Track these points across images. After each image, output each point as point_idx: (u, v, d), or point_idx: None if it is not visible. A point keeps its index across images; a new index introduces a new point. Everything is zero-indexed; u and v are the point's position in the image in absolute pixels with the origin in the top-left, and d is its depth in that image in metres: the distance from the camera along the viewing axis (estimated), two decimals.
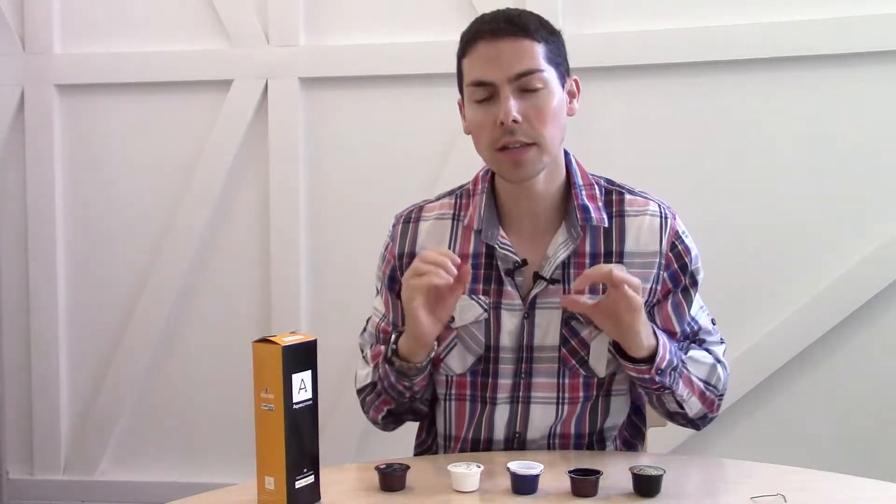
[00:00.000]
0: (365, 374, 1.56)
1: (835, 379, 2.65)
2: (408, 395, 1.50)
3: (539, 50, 1.42)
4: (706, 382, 1.50)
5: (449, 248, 1.54)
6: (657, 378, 1.41)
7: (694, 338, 1.55)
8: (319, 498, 1.28)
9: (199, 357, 3.01)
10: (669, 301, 1.51)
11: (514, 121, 1.39)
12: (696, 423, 1.55)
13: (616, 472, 1.36)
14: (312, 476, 1.27)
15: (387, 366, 1.47)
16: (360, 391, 1.58)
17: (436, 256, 1.37)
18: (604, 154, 2.69)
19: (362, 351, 1.64)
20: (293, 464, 1.23)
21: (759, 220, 2.67)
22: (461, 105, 1.51)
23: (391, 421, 1.59)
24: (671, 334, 1.51)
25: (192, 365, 3.02)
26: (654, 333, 1.42)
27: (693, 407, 1.50)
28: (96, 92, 3.02)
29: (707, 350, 1.54)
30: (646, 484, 1.28)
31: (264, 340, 1.23)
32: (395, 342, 1.46)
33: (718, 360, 1.54)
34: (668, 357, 1.41)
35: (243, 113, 2.92)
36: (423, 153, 2.75)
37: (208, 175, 2.94)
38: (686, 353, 1.49)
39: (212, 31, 2.95)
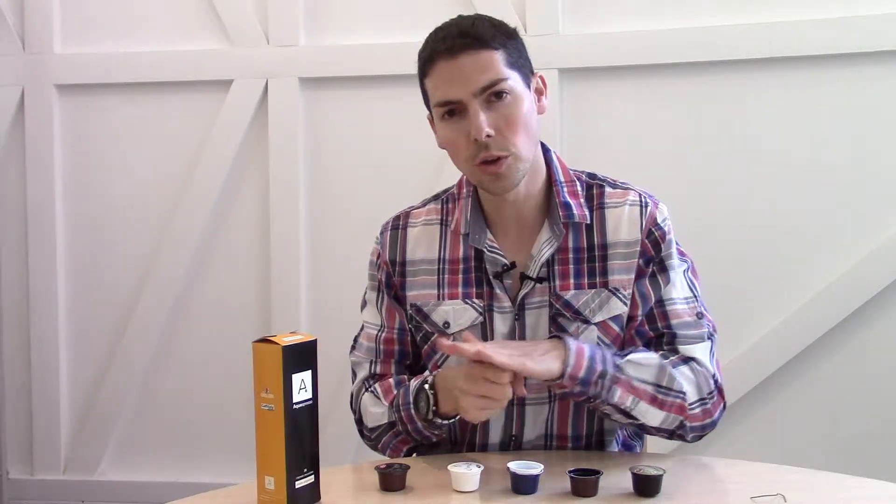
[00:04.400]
0: (380, 412, 1.51)
1: (835, 379, 2.65)
2: (435, 438, 1.49)
3: (499, 57, 1.39)
4: (656, 385, 1.40)
5: (439, 253, 1.54)
6: (578, 388, 1.36)
7: (663, 328, 1.47)
8: (319, 498, 1.28)
9: (199, 357, 3.01)
10: (639, 287, 1.48)
11: (488, 135, 1.38)
12: (679, 434, 1.45)
13: (616, 472, 1.36)
14: (312, 476, 1.27)
15: (414, 413, 1.45)
16: (372, 429, 1.53)
17: (491, 389, 1.32)
18: (603, 154, 2.69)
19: (354, 372, 1.60)
20: (293, 464, 1.23)
21: (758, 219, 2.67)
22: (430, 121, 1.50)
23: (408, 454, 1.57)
24: (633, 318, 1.48)
25: (192, 365, 3.02)
26: (567, 346, 1.36)
27: (650, 415, 1.40)
28: (96, 92, 3.02)
29: (673, 350, 1.46)
30: (646, 484, 1.28)
31: (264, 340, 1.23)
32: (436, 403, 1.42)
33: (683, 362, 1.44)
34: (585, 364, 1.35)
35: (243, 113, 2.92)
36: (422, 153, 2.73)
37: (208, 175, 2.94)
38: (624, 358, 1.41)
39: (212, 31, 2.95)
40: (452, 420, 1.44)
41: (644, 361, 1.41)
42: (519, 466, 1.31)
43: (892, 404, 2.62)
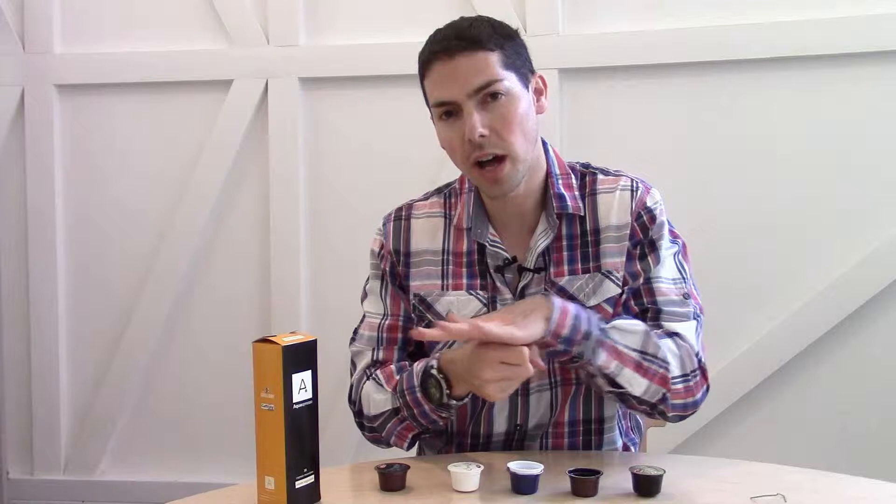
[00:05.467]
0: (383, 399, 1.50)
1: (835, 379, 2.65)
2: (442, 422, 1.48)
3: (495, 59, 1.41)
4: (641, 352, 1.40)
5: (443, 244, 1.55)
6: (561, 347, 1.36)
7: (649, 304, 1.48)
8: (319, 498, 1.29)
9: (199, 357, 3.01)
10: (629, 268, 1.49)
11: (481, 135, 1.39)
12: (661, 409, 1.44)
13: (616, 472, 1.36)
14: (312, 476, 1.27)
15: (421, 397, 1.44)
16: (375, 417, 1.51)
17: (512, 371, 1.33)
18: (603, 154, 2.68)
19: (354, 363, 1.59)
20: (293, 464, 1.23)
21: (758, 219, 2.67)
22: (433, 120, 1.51)
23: (413, 443, 1.55)
24: (620, 296, 1.48)
25: (192, 365, 3.02)
26: (552, 304, 1.37)
27: (635, 383, 1.40)
28: (96, 92, 3.02)
29: (657, 326, 1.45)
30: (646, 484, 1.28)
31: (264, 340, 1.23)
32: (448, 387, 1.41)
33: (667, 335, 1.44)
34: (569, 323, 1.36)
35: (243, 113, 2.92)
36: (422, 153, 2.74)
37: (208, 175, 2.94)
38: (609, 323, 1.42)
39: (212, 31, 2.95)
40: (465, 400, 1.44)
41: (630, 328, 1.42)
42: (519, 466, 1.31)
43: (891, 404, 2.62)
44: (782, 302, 2.67)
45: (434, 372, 1.42)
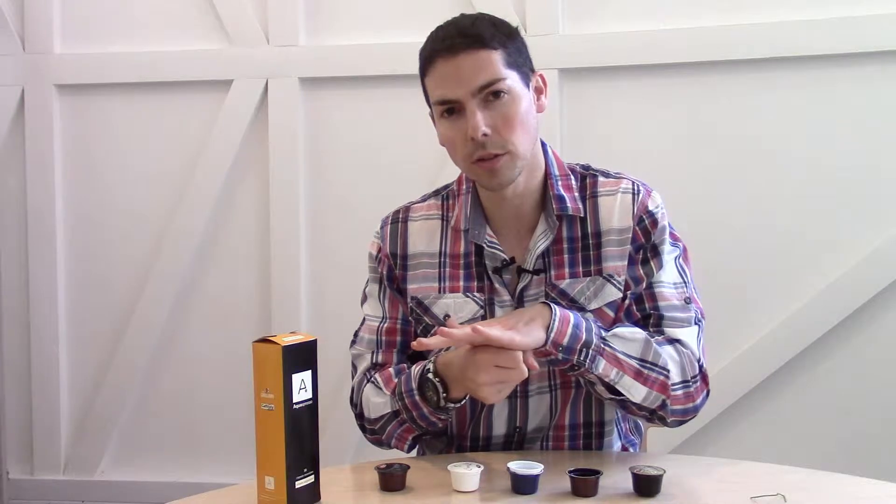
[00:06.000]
0: (382, 402, 1.50)
1: (835, 379, 2.65)
2: (441, 424, 1.48)
3: (497, 57, 1.41)
4: (641, 360, 1.40)
5: (440, 247, 1.55)
6: (561, 356, 1.37)
7: (651, 309, 1.47)
8: (319, 498, 1.29)
9: (199, 357, 3.01)
10: (631, 272, 1.48)
11: (484, 134, 1.39)
12: (660, 415, 1.44)
13: (616, 472, 1.36)
14: (312, 476, 1.27)
15: (419, 400, 1.44)
16: (375, 420, 1.52)
17: (507, 374, 1.34)
18: (603, 154, 2.69)
19: (355, 366, 1.60)
20: (293, 464, 1.23)
21: (758, 220, 2.68)
22: (433, 118, 1.50)
23: (414, 445, 1.55)
24: (623, 300, 1.48)
25: (192, 365, 3.02)
26: (552, 312, 1.38)
27: (634, 390, 1.40)
28: (96, 92, 3.02)
29: (659, 332, 1.45)
30: (646, 484, 1.28)
31: (264, 340, 1.23)
32: (445, 391, 1.41)
33: (668, 342, 1.44)
34: (569, 331, 1.37)
35: (243, 113, 2.92)
36: (422, 153, 2.75)
37: (208, 175, 2.94)
38: (610, 331, 1.42)
39: (212, 31, 2.96)
40: (463, 402, 1.44)
41: (630, 336, 1.42)
42: (519, 466, 1.31)
43: (892, 404, 2.62)
44: (782, 302, 2.67)
45: (430, 376, 1.42)
